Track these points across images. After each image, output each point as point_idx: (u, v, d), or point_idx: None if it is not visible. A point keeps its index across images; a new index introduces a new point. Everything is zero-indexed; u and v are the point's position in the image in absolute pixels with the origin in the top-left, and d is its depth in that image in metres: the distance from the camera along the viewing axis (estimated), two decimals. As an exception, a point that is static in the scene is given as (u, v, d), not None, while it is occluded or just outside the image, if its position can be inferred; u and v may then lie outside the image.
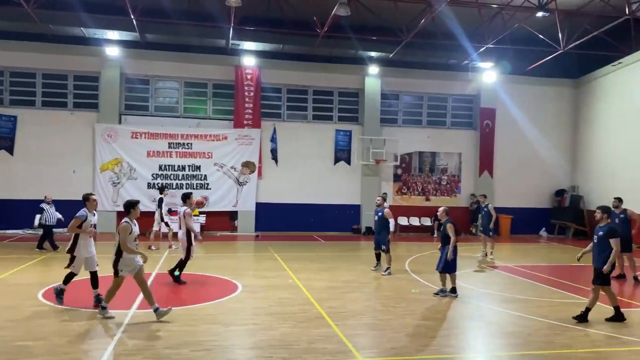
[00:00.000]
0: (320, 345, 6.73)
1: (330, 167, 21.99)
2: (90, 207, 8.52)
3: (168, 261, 13.19)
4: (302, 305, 8.91)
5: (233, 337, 7.12)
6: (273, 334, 7.23)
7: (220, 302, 9.16)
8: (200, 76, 21.22)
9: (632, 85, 20.18)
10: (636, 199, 19.35)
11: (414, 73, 22.25)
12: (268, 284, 10.72)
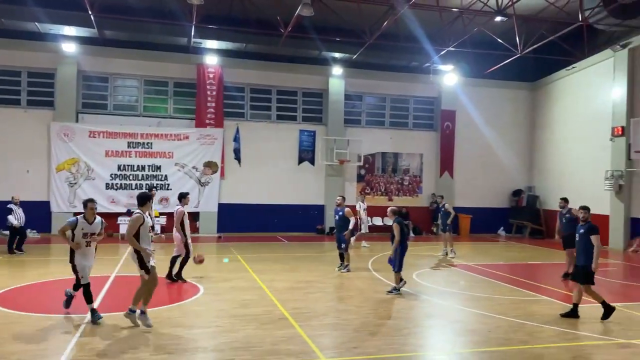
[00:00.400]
0: (284, 347, 6.70)
1: (294, 168, 21.96)
2: (88, 215, 7.70)
3: (126, 264, 12.87)
4: (266, 307, 8.85)
5: (195, 340, 6.99)
6: (236, 336, 7.15)
7: (181, 304, 9.00)
8: (161, 74, 20.82)
9: (584, 89, 20.97)
10: (589, 198, 20.11)
11: (377, 74, 22.47)
12: (231, 286, 10.60)
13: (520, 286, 11.34)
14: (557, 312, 9.14)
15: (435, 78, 22.63)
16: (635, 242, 18.06)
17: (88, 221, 7.68)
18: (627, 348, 7.05)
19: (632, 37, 18.30)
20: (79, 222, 7.64)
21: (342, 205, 12.75)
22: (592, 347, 7.10)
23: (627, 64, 18.55)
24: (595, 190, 19.53)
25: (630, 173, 18.42)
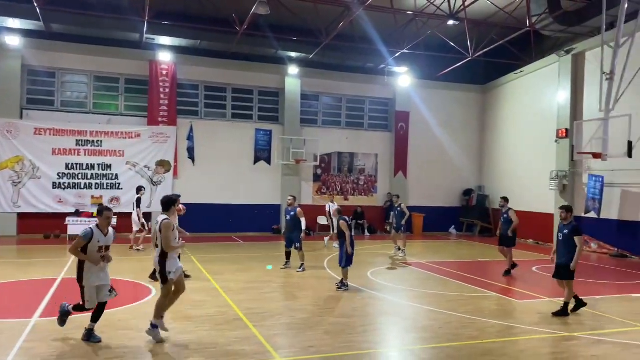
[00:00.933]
0: (238, 347, 6.65)
1: (250, 167, 21.79)
2: (103, 225, 6.74)
3: (75, 265, 12.43)
4: (220, 308, 8.75)
5: (147, 343, 6.83)
6: (189, 337, 7.04)
7: (133, 306, 8.77)
8: (112, 70, 20.19)
9: (531, 92, 21.78)
10: (535, 197, 20.98)
11: (333, 75, 22.60)
12: (184, 287, 10.40)
13: (470, 283, 11.67)
14: (505, 308, 9.49)
15: (390, 80, 22.97)
16: (578, 240, 18.88)
17: (102, 232, 6.72)
18: (571, 341, 7.38)
19: (575, 43, 19.14)
20: (95, 234, 6.60)
21: (293, 206, 12.85)
22: (539, 340, 7.39)
23: (571, 69, 19.37)
24: (541, 189, 20.33)
25: (573, 173, 19.26)
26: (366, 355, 6.59)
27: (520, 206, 21.68)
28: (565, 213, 8.97)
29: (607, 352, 6.93)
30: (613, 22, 14.53)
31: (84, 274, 6.67)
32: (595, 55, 16.56)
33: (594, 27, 17.48)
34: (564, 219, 8.97)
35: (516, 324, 8.17)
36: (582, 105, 18.99)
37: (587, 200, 18.14)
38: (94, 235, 6.58)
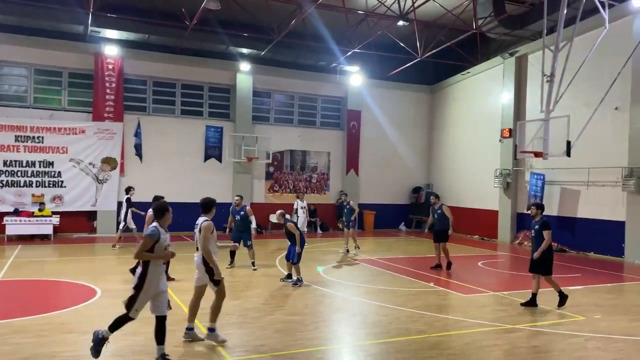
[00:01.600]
0: (187, 348, 6.54)
1: (200, 164, 21.42)
2: (165, 223, 6.27)
3: (14, 268, 11.88)
4: (169, 308, 8.55)
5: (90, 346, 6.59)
6: (136, 339, 6.85)
7: (75, 309, 8.46)
8: (54, 63, 19.34)
9: (477, 93, 22.50)
10: (481, 195, 21.69)
11: (285, 72, 22.54)
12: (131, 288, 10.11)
13: (419, 278, 11.94)
14: (452, 302, 9.76)
15: (342, 78, 23.14)
16: (521, 235, 19.68)
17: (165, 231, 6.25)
18: (513, 333, 7.67)
19: (519, 46, 19.89)
20: (160, 233, 6.03)
21: (240, 205, 12.78)
22: (483, 333, 7.64)
23: (515, 71, 20.14)
24: (486, 187, 21.05)
25: (516, 172, 20.04)
26: (317, 352, 6.62)
27: (466, 203, 22.49)
28: (535, 210, 9.32)
29: (547, 342, 7.26)
30: (553, 27, 15.19)
31: (146, 279, 5.96)
32: (537, 58, 17.26)
33: (536, 31, 18.23)
34: (534, 215, 9.32)
35: (462, 318, 8.42)
36: (525, 106, 19.79)
37: (529, 198, 18.91)
38: (160, 234, 6.03)
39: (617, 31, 15.39)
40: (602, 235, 16.22)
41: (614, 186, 16.08)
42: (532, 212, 9.39)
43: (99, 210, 19.73)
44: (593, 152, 16.43)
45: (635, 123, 15.40)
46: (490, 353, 6.76)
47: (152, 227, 6.05)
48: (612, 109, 15.95)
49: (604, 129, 16.15)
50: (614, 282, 12.27)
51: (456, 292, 10.58)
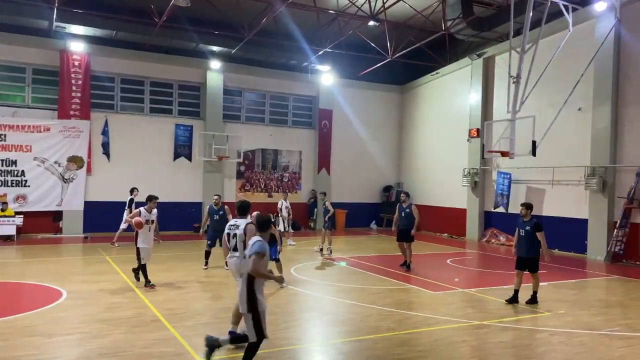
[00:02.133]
0: (156, 350, 6.44)
1: (170, 163, 21.12)
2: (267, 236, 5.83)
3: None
4: (137, 309, 8.43)
5: (56, 349, 6.46)
6: (103, 341, 6.72)
7: (40, 311, 8.24)
8: (17, 59, 18.75)
9: (446, 94, 22.83)
10: (450, 193, 22.03)
11: (256, 71, 22.41)
12: (98, 289, 9.94)
13: (390, 276, 12.06)
14: (421, 299, 9.89)
15: (313, 77, 23.16)
16: (488, 233, 20.07)
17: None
18: (481, 329, 7.83)
19: (486, 47, 20.28)
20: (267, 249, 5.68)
21: (219, 204, 12.67)
22: (452, 329, 7.77)
23: (482, 72, 20.51)
24: (454, 186, 21.40)
25: (483, 171, 20.43)
26: (289, 352, 6.62)
27: (435, 202, 22.82)
28: (525, 210, 9.44)
29: (513, 337, 7.43)
30: (520, 29, 15.54)
31: (257, 298, 5.47)
32: (504, 59, 17.63)
33: (503, 33, 18.63)
34: (524, 215, 9.44)
35: (431, 315, 8.55)
36: (492, 106, 20.18)
37: (496, 196, 19.31)
38: (267, 249, 5.60)
39: (580, 34, 15.86)
40: (566, 233, 16.69)
41: (577, 185, 16.56)
42: (522, 212, 9.48)
43: (65, 210, 19.25)
44: (557, 152, 16.88)
45: (597, 124, 15.88)
46: (459, 349, 6.88)
47: (259, 242, 5.53)
48: (575, 110, 16.42)
49: (568, 129, 16.61)
50: (577, 278, 12.65)
51: (426, 289, 10.72)
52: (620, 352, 6.80)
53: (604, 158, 15.67)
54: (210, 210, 12.91)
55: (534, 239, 9.18)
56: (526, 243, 9.28)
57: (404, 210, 13.08)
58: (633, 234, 14.95)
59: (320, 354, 6.75)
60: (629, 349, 6.97)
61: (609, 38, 15.37)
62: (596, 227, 15.93)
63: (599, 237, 15.80)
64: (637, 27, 15.06)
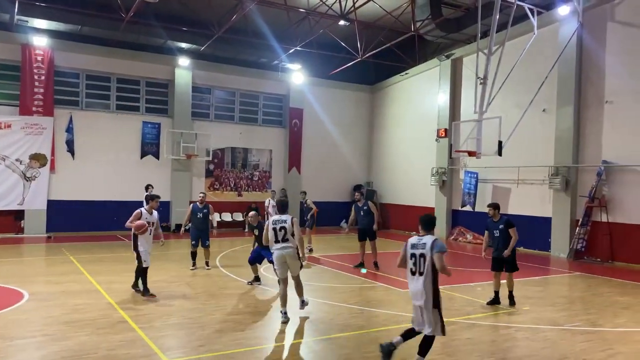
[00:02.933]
0: (122, 351, 6.31)
1: (137, 162, 20.72)
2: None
3: None
4: (103, 311, 8.24)
5: (17, 353, 6.25)
6: (67, 344, 6.55)
7: (0, 313, 7.96)
8: (-24, 53, 18.14)
9: (415, 94, 23.10)
10: (418, 192, 22.29)
11: (226, 68, 22.20)
12: (62, 290, 9.68)
13: (359, 274, 12.12)
14: (390, 297, 9.98)
15: (284, 76, 23.09)
16: (456, 231, 20.41)
17: None
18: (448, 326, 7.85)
19: (454, 49, 20.60)
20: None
21: (204, 203, 12.49)
22: (419, 326, 7.86)
23: (450, 73, 20.83)
24: (423, 185, 21.68)
25: (451, 170, 20.76)
26: (259, 351, 6.59)
27: (404, 200, 23.08)
28: (493, 210, 9.45)
29: (480, 334, 7.57)
30: (487, 31, 15.84)
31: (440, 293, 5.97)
32: (471, 60, 17.93)
33: (471, 34, 18.96)
34: (492, 215, 9.45)
35: (400, 312, 8.63)
36: (460, 106, 20.52)
37: (464, 195, 19.65)
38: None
39: (545, 37, 16.28)
40: (531, 231, 17.08)
41: (542, 184, 16.99)
42: (490, 212, 9.47)
43: (27, 209, 18.67)
44: (522, 152, 17.27)
45: (561, 124, 16.33)
46: (427, 346, 6.95)
47: (440, 240, 5.91)
48: (540, 111, 16.84)
49: (533, 130, 17.02)
50: (541, 275, 12.98)
51: (395, 287, 10.82)
52: (581, 347, 7.01)
53: (567, 158, 16.12)
54: (193, 209, 12.44)
55: (507, 236, 9.19)
56: (502, 242, 9.24)
57: (361, 209, 12.96)
58: (594, 231, 15.43)
59: (290, 353, 6.73)
60: (590, 343, 7.19)
61: (572, 41, 15.82)
62: (559, 225, 16.37)
63: (562, 235, 16.25)
64: (598, 31, 15.55)
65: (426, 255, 5.77)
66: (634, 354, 6.71)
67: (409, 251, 5.90)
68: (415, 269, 5.86)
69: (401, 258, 6.01)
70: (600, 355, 6.65)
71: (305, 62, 22.68)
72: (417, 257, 5.83)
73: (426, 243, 5.82)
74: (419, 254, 5.82)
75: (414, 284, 5.87)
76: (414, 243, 5.90)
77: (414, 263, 5.86)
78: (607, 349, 6.86)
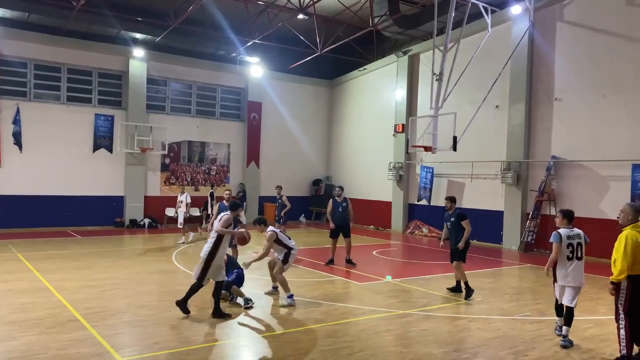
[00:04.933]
0: (73, 351, 6.11)
1: (89, 155, 20.06)
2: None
3: None
4: (52, 309, 7.95)
5: (-42, 356, 5.96)
6: (13, 344, 6.29)
7: (-60, 315, 7.58)
8: None
9: (373, 89, 23.32)
10: (376, 187, 22.55)
11: (182, 60, 21.75)
12: (8, 289, 9.28)
13: (317, 268, 12.17)
14: (348, 291, 10.07)
15: (242, 69, 22.82)
16: (412, 225, 20.77)
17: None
18: (405, 318, 8.09)
19: (411, 45, 20.89)
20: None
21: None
22: (377, 319, 7.97)
23: (407, 69, 21.12)
24: (380, 179, 21.95)
25: (408, 165, 21.10)
26: (214, 348, 6.51)
27: (362, 195, 23.29)
28: (450, 203, 9.74)
29: (435, 325, 7.74)
30: (443, 28, 16.13)
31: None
32: (428, 57, 18.25)
33: (428, 31, 19.23)
34: (449, 208, 9.75)
35: (358, 305, 8.72)
36: (417, 102, 20.85)
37: (420, 189, 20.01)
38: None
39: (498, 35, 16.72)
40: (484, 224, 17.58)
41: (494, 179, 17.50)
42: (447, 205, 9.78)
43: (-30, 204, 17.81)
44: (476, 147, 17.73)
45: (513, 120, 16.84)
46: (383, 338, 7.07)
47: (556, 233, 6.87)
48: (493, 107, 17.31)
49: (486, 125, 17.48)
50: (493, 267, 13.38)
51: (352, 280, 10.92)
52: (531, 336, 7.27)
53: (518, 153, 16.65)
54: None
55: (459, 228, 9.51)
56: (454, 234, 9.61)
57: (340, 205, 12.78)
58: (543, 224, 16.03)
59: (247, 349, 6.69)
60: (539, 332, 7.47)
61: (524, 40, 16.32)
62: (511, 219, 16.92)
63: (513, 228, 16.80)
64: (548, 30, 16.09)
65: (582, 244, 6.87)
66: (580, 340, 7.01)
67: (566, 241, 6.81)
68: (572, 255, 6.80)
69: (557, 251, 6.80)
70: (548, 343, 6.92)
71: (264, 56, 22.49)
72: (575, 246, 6.82)
73: (579, 233, 6.92)
74: (576, 243, 6.84)
75: (573, 268, 6.79)
76: (568, 235, 6.85)
77: (571, 251, 6.81)
78: (555, 337, 7.14)
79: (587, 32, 15.17)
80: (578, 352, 6.59)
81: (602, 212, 14.29)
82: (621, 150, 14.11)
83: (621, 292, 6.04)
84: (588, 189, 14.97)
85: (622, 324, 6.01)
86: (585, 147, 15.04)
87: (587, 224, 14.62)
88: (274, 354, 6.42)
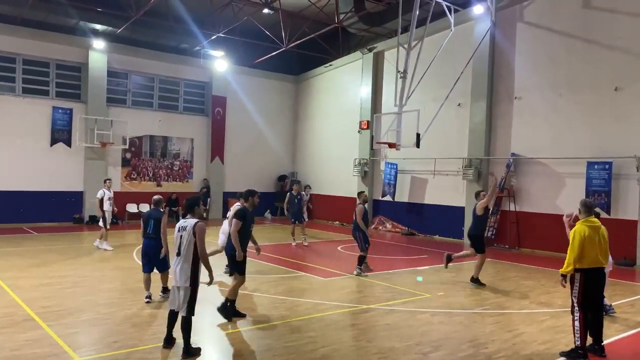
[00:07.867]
0: (28, 351, 5.91)
1: (46, 149, 19.39)
2: None
3: None
4: (5, 309, 7.67)
5: None
6: (-35, 346, 6.04)
7: None
8: None
9: (338, 86, 23.39)
10: (342, 183, 22.65)
11: (144, 53, 21.25)
12: (-41, 288, 8.90)
13: (282, 264, 12.16)
14: (313, 286, 10.09)
15: (206, 63, 22.48)
16: (376, 220, 20.96)
17: None
18: (368, 312, 8.17)
19: (376, 42, 21.03)
20: None
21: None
22: (342, 314, 8.02)
23: (372, 66, 21.26)
24: (346, 175, 22.05)
25: (373, 161, 21.27)
26: (176, 346, 6.40)
27: (328, 191, 23.38)
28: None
29: (398, 319, 7.84)
30: (407, 26, 16.29)
31: None
32: (392, 54, 18.37)
33: (392, 29, 19.42)
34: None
35: (322, 301, 8.75)
36: (381, 99, 21.03)
37: (384, 185, 20.21)
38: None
39: (461, 34, 17.01)
40: (446, 220, 17.93)
41: (456, 175, 17.83)
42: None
43: None
44: (439, 144, 18.01)
45: (474, 118, 17.18)
46: (347, 333, 7.12)
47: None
48: (455, 105, 17.62)
49: (449, 123, 17.78)
50: (455, 262, 13.61)
51: (317, 276, 10.95)
52: (490, 328, 7.46)
53: (479, 150, 17.01)
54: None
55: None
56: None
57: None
58: (503, 220, 16.44)
59: (211, 345, 6.61)
60: (498, 324, 7.67)
61: (485, 39, 16.66)
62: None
63: (474, 223, 17.13)
64: (509, 30, 16.48)
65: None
66: (537, 332, 7.24)
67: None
68: None
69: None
70: (507, 335, 7.12)
71: (228, 50, 22.23)
72: None
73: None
74: None
75: None
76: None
77: None
78: (514, 330, 7.35)
79: (546, 33, 15.61)
80: (535, 343, 6.80)
81: (558, 207, 14.75)
82: (577, 147, 14.61)
83: (575, 285, 6.26)
84: (545, 186, 15.44)
85: (577, 316, 6.23)
86: (543, 144, 15.49)
87: (544, 219, 15.18)
88: (238, 351, 6.37)
